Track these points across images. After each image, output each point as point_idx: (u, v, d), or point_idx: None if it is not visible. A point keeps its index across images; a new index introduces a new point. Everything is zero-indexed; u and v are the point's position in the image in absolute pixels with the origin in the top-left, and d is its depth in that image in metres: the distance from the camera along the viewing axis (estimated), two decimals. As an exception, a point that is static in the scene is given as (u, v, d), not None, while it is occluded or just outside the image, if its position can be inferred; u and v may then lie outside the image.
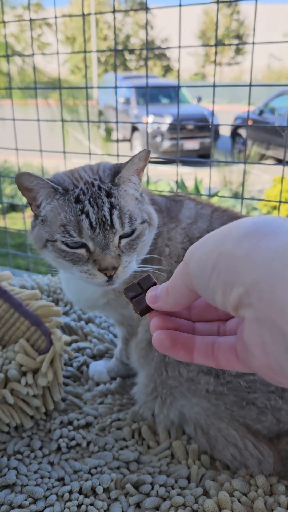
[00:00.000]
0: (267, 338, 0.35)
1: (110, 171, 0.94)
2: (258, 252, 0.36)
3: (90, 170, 0.96)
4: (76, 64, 15.53)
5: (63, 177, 0.94)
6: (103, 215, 0.86)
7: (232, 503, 0.83)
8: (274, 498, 0.84)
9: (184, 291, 0.44)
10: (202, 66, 24.94)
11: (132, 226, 0.89)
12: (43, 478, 0.92)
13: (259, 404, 0.87)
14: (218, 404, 0.90)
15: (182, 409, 0.97)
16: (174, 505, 0.84)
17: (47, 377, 1.05)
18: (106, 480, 0.89)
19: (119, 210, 0.88)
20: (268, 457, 0.89)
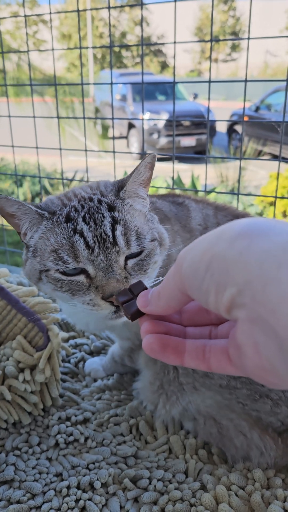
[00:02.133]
0: (260, 338, 0.36)
1: (114, 186, 0.84)
2: (251, 253, 0.36)
3: (89, 187, 0.87)
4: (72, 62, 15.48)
5: (53, 200, 0.84)
6: (102, 231, 0.74)
7: (229, 497, 0.84)
8: (271, 492, 0.85)
9: (176, 294, 0.44)
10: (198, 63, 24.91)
11: (140, 244, 0.77)
12: (41, 473, 0.92)
13: (273, 396, 0.87)
14: (231, 398, 0.90)
15: (188, 405, 0.97)
16: (172, 499, 0.85)
17: (45, 373, 1.05)
18: (104, 475, 0.89)
19: (124, 225, 0.76)
20: (270, 450, 0.90)
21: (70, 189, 0.91)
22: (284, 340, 0.34)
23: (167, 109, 9.26)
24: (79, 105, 5.07)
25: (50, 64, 8.80)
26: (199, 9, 23.11)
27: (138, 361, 1.12)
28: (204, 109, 9.78)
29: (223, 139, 9.84)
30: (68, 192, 0.86)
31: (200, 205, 1.06)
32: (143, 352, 1.06)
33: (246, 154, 6.99)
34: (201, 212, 1.04)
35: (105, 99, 10.32)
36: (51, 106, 4.89)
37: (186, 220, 1.01)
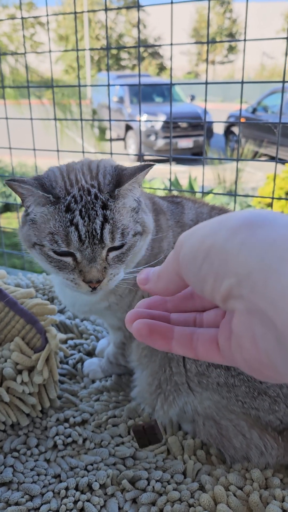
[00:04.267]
0: (258, 331, 0.35)
1: (112, 178, 0.88)
2: (253, 244, 0.35)
3: (89, 171, 0.91)
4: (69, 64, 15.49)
5: (57, 177, 0.89)
6: (93, 228, 0.83)
7: (227, 497, 0.84)
8: (269, 492, 0.85)
9: (174, 277, 0.44)
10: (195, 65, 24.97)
11: (123, 240, 0.87)
12: (39, 475, 0.92)
13: (271, 393, 0.87)
14: (230, 396, 0.89)
15: (185, 406, 0.97)
16: (170, 500, 0.85)
17: (43, 375, 1.05)
18: (102, 476, 0.89)
19: (112, 224, 0.85)
20: (270, 449, 0.90)
21: (72, 164, 0.95)
22: (283, 334, 0.33)
23: (164, 111, 9.27)
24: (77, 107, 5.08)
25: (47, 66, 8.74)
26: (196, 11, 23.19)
27: (131, 357, 1.11)
28: (201, 110, 9.79)
29: (220, 140, 9.86)
30: (71, 172, 0.91)
31: (196, 205, 1.08)
32: (135, 348, 1.07)
33: (243, 155, 7.00)
34: (196, 210, 1.06)
35: (103, 101, 10.32)
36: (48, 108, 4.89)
37: (180, 216, 1.05)
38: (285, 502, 0.82)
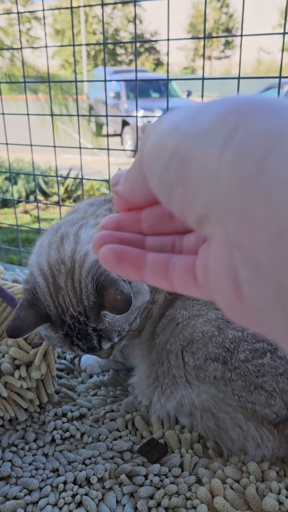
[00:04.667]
0: (242, 272, 0.25)
1: (94, 297, 0.83)
2: (249, 140, 0.24)
3: (72, 287, 0.84)
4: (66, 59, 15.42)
5: (46, 296, 0.86)
6: (92, 345, 0.87)
7: (224, 490, 0.85)
8: (266, 484, 0.86)
9: (139, 177, 0.33)
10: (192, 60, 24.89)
11: (120, 336, 0.89)
12: (37, 469, 0.93)
13: (268, 387, 0.88)
14: (227, 390, 0.90)
15: (182, 399, 0.97)
16: (168, 493, 0.86)
17: (41, 370, 1.06)
18: (100, 470, 0.90)
19: (108, 337, 0.87)
20: (267, 441, 0.91)
21: (51, 262, 0.88)
22: (265, 271, 0.23)
23: (161, 107, 9.24)
24: (73, 103, 5.06)
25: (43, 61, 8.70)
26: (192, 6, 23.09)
27: (129, 357, 1.12)
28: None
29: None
30: (56, 285, 0.86)
31: None
32: (138, 344, 1.07)
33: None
34: None
35: (99, 97, 10.30)
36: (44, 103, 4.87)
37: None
38: (281, 495, 0.83)
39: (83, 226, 0.92)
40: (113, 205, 1.02)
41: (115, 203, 0.40)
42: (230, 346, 0.89)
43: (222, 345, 0.89)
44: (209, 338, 0.90)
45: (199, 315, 0.92)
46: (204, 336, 0.90)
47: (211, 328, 0.90)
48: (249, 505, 0.84)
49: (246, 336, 0.88)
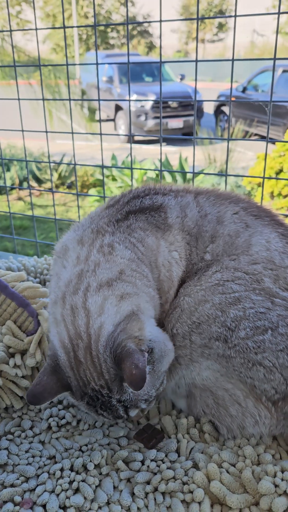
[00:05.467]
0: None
1: (115, 370, 0.82)
2: None
3: (92, 362, 0.83)
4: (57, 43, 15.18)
5: (67, 368, 0.85)
6: (119, 415, 0.85)
7: (221, 474, 0.85)
8: (262, 468, 0.86)
9: None
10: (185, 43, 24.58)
11: (148, 402, 0.87)
12: (34, 457, 0.93)
13: (267, 363, 0.88)
14: (228, 366, 0.91)
15: (180, 380, 0.98)
16: (165, 478, 0.86)
17: (35, 357, 1.05)
18: (97, 457, 0.90)
19: (134, 405, 0.85)
20: (264, 418, 0.92)
21: (65, 332, 0.86)
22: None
23: (154, 91, 9.15)
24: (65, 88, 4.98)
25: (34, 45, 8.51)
26: (185, -13, 22.74)
27: None
28: (191, 90, 9.68)
29: (211, 120, 9.77)
30: (77, 362, 0.84)
31: (179, 198, 1.04)
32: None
33: (233, 135, 6.96)
34: (179, 204, 1.03)
35: (92, 81, 10.16)
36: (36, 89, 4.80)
37: (164, 222, 1.00)
38: (277, 478, 0.84)
39: (87, 294, 0.87)
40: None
41: None
42: (231, 325, 0.89)
43: (224, 324, 0.90)
44: (213, 320, 0.90)
45: (206, 300, 0.92)
46: (209, 318, 0.91)
47: (215, 311, 0.91)
48: (246, 489, 0.84)
49: (248, 315, 0.89)
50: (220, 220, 1.00)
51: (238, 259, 0.95)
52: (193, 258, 0.99)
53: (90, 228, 0.99)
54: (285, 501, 0.80)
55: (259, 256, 0.95)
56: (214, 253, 0.97)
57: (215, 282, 0.93)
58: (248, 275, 0.93)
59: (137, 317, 0.85)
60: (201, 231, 0.99)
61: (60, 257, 0.99)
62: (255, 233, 0.98)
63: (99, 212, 1.04)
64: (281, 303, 0.91)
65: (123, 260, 0.92)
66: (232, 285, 0.92)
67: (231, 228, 0.99)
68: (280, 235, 0.99)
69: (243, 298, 0.90)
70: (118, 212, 1.01)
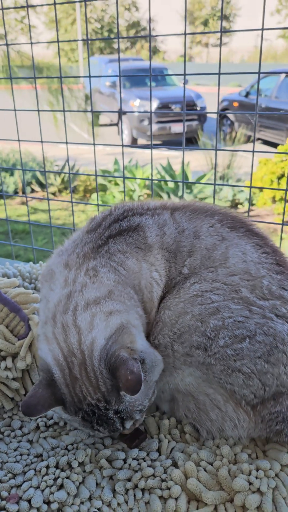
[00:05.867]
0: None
1: (111, 381, 0.84)
2: None
3: (86, 376, 0.85)
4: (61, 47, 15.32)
5: (62, 384, 0.86)
6: (115, 428, 0.87)
7: (198, 472, 0.89)
8: (238, 466, 0.91)
9: None
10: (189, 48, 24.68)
11: (142, 413, 0.90)
12: (22, 455, 0.98)
13: (245, 370, 0.92)
14: (208, 373, 0.95)
15: (164, 386, 1.02)
16: (145, 475, 0.90)
17: (26, 360, 1.10)
18: (81, 455, 0.95)
19: (130, 417, 0.87)
20: (243, 422, 0.96)
21: (61, 352, 0.88)
22: None
23: (157, 96, 9.22)
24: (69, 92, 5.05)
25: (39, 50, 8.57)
26: (189, -8, 22.84)
27: None
28: (194, 94, 9.74)
29: (214, 125, 9.83)
30: (72, 377, 0.86)
31: (156, 217, 1.07)
32: None
33: (236, 139, 7.00)
34: (157, 223, 1.05)
35: (95, 86, 10.26)
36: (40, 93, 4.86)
37: (144, 242, 1.03)
38: (252, 476, 0.88)
39: (76, 313, 0.90)
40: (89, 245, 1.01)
41: None
42: (211, 334, 0.93)
43: (204, 334, 0.94)
44: (194, 330, 0.95)
45: (185, 312, 0.97)
46: (190, 329, 0.95)
47: (195, 322, 0.95)
48: (222, 486, 0.89)
49: (227, 324, 0.93)
50: (196, 234, 1.03)
51: (216, 271, 0.99)
52: (172, 274, 1.02)
53: (75, 253, 1.02)
54: (258, 498, 0.85)
55: (236, 268, 0.98)
56: (191, 267, 1.01)
57: (194, 293, 0.97)
58: (226, 285, 0.97)
59: (128, 330, 0.88)
60: (179, 247, 1.02)
61: (47, 280, 1.01)
62: (231, 245, 1.01)
63: (81, 236, 1.06)
64: (258, 312, 0.95)
65: (109, 282, 0.95)
66: (211, 295, 0.96)
67: (207, 241, 1.02)
68: (255, 245, 1.03)
69: (222, 308, 0.94)
70: (99, 238, 1.04)
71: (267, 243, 1.05)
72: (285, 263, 1.03)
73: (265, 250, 1.03)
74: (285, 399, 0.94)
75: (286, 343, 0.93)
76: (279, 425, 0.95)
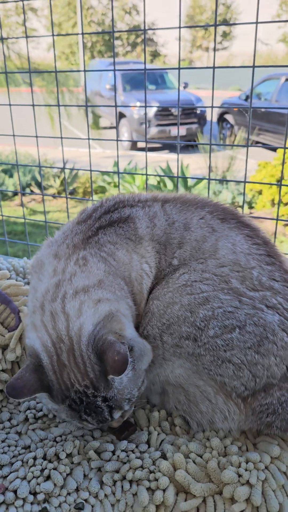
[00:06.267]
0: None
1: (99, 366, 0.84)
2: None
3: (75, 363, 0.85)
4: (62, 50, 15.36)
5: (49, 371, 0.86)
6: (103, 417, 0.86)
7: (187, 464, 0.88)
8: (227, 459, 0.90)
9: None
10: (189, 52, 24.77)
11: (130, 403, 0.89)
12: (10, 446, 0.97)
13: (235, 360, 0.91)
14: (198, 364, 0.94)
15: (155, 377, 1.01)
16: (133, 467, 0.89)
17: (16, 352, 1.09)
18: (69, 446, 0.94)
19: (118, 406, 0.86)
20: (233, 414, 0.95)
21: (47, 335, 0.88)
22: None
23: (157, 99, 9.24)
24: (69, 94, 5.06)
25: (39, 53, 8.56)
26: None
27: None
28: (195, 98, 9.77)
29: (214, 128, 9.84)
30: (60, 364, 0.85)
31: (146, 208, 1.07)
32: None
33: (235, 142, 7.01)
34: (147, 215, 1.05)
35: (95, 89, 10.28)
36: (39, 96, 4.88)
37: (134, 233, 1.03)
38: (241, 468, 0.87)
39: (65, 300, 0.90)
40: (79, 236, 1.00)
41: None
42: (201, 324, 0.92)
43: (193, 324, 0.93)
44: (183, 320, 0.94)
45: (174, 302, 0.96)
46: (179, 319, 0.94)
47: (184, 312, 0.94)
48: (211, 478, 0.87)
49: (217, 315, 0.92)
50: (187, 226, 1.03)
51: (206, 262, 0.98)
52: (161, 265, 1.02)
53: (65, 243, 1.02)
54: (247, 490, 0.84)
55: (226, 259, 0.98)
56: (181, 258, 1.00)
57: (183, 283, 0.96)
58: (216, 276, 0.96)
59: (117, 318, 0.88)
60: (169, 239, 1.02)
61: (37, 271, 1.01)
62: (221, 237, 1.01)
63: (71, 228, 1.06)
64: (248, 302, 0.94)
65: (99, 271, 0.95)
66: (201, 285, 0.95)
67: (197, 233, 1.02)
68: (245, 237, 1.02)
69: (211, 298, 0.93)
70: (89, 229, 1.03)
71: (258, 234, 1.04)
72: (276, 254, 1.02)
73: (256, 241, 1.02)
74: (276, 391, 0.93)
75: (276, 333, 0.92)
76: (269, 417, 0.94)
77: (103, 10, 19.49)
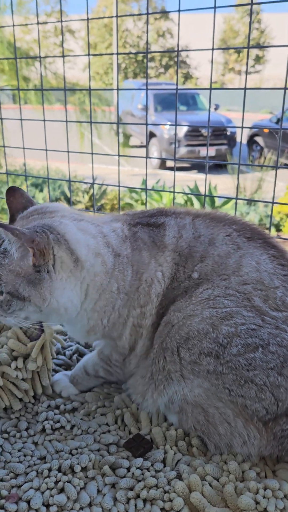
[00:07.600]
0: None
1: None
2: None
3: None
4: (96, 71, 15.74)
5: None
6: None
7: (203, 486, 0.86)
8: (245, 484, 0.87)
9: None
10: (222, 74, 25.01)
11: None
12: (25, 456, 0.97)
13: (258, 381, 0.90)
14: (218, 383, 0.93)
15: (174, 395, 1.00)
16: (147, 486, 0.88)
17: (37, 362, 1.10)
18: (84, 460, 0.93)
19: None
20: (253, 439, 0.92)
21: None
22: None
23: (188, 119, 9.34)
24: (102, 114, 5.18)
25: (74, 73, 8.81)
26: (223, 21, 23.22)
27: (129, 367, 1.11)
28: (225, 119, 9.83)
29: (243, 150, 9.85)
30: None
31: (178, 219, 1.11)
32: (133, 357, 1.09)
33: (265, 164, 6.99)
34: (177, 225, 1.09)
35: (127, 109, 10.46)
36: (72, 114, 5.00)
37: (161, 240, 1.07)
38: (259, 495, 0.84)
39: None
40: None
41: None
42: (224, 341, 0.91)
43: (216, 341, 0.92)
44: (204, 335, 0.93)
45: (194, 314, 0.95)
46: (200, 333, 0.93)
47: (205, 325, 0.93)
48: (227, 503, 0.85)
49: (240, 332, 0.91)
50: (212, 241, 1.04)
51: (229, 279, 0.98)
52: (179, 277, 1.03)
53: (107, 216, 1.18)
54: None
55: (249, 277, 0.97)
56: (202, 272, 1.01)
57: (205, 297, 0.96)
58: (239, 293, 0.95)
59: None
60: (192, 252, 1.04)
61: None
62: (246, 254, 1.00)
63: (115, 214, 1.20)
64: (271, 322, 0.93)
65: (126, 250, 1.07)
66: (224, 300, 0.94)
67: (222, 249, 1.02)
68: (271, 257, 1.01)
69: (234, 314, 0.93)
70: (132, 219, 1.14)
71: (284, 256, 1.03)
72: None
73: (281, 262, 1.01)
74: None
75: None
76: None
77: (138, 33, 19.93)
